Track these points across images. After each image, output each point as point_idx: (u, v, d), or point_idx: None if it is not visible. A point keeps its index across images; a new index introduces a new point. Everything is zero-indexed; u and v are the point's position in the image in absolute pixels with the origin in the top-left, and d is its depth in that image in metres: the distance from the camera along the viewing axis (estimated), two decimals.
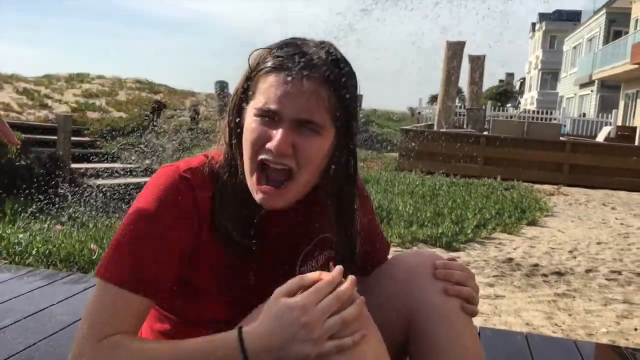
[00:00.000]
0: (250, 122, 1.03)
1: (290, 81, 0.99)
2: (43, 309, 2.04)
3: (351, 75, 1.06)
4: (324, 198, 1.13)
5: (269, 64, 1.02)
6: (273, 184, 1.02)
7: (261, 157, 1.02)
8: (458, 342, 1.08)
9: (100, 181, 7.44)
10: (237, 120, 1.07)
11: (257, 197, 1.04)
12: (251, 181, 1.04)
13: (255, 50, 1.06)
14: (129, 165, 8.93)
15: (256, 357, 0.92)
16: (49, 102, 14.13)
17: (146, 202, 1.02)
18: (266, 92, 1.01)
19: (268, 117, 1.01)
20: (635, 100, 22.63)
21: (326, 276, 0.94)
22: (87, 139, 10.08)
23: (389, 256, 1.31)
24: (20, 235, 4.52)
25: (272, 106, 1.00)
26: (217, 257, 1.07)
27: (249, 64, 1.05)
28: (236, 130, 1.07)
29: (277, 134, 0.99)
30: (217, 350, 0.93)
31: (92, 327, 0.96)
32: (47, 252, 4.21)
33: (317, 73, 1.00)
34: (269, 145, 1.00)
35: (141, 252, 0.99)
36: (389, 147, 17.40)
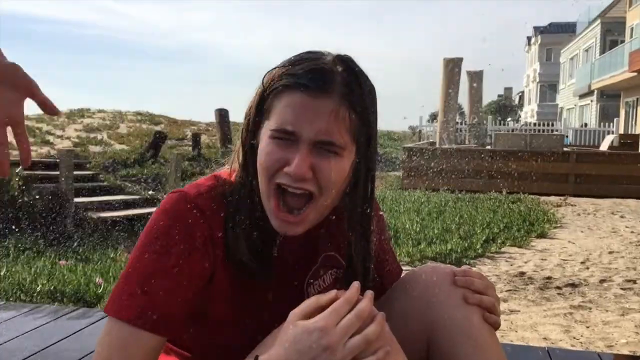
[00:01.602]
0: (266, 144, 0.96)
1: (307, 100, 0.93)
2: (49, 346, 1.98)
3: (371, 90, 1.00)
4: (330, 215, 1.09)
5: (283, 81, 0.95)
6: (292, 210, 0.97)
7: (278, 181, 0.96)
8: None
9: (103, 214, 7.40)
10: (251, 141, 1.01)
11: (275, 223, 0.99)
12: (268, 206, 0.99)
13: (270, 70, 1.00)
14: (131, 197, 8.90)
15: None
16: (51, 138, 14.19)
17: (155, 233, 0.96)
18: (282, 112, 0.95)
19: (285, 139, 0.95)
20: (636, 108, 22.63)
21: (341, 294, 0.89)
22: (89, 172, 10.08)
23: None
24: (25, 273, 4.47)
25: (289, 127, 0.94)
26: (229, 283, 1.02)
27: (262, 83, 1.00)
28: (251, 152, 1.01)
29: (295, 158, 0.93)
30: None
31: None
32: (52, 288, 4.16)
33: (336, 90, 0.94)
34: (287, 169, 0.94)
35: (153, 287, 0.93)
36: (391, 167, 17.36)
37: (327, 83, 0.94)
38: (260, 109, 0.99)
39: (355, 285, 0.89)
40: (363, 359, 0.85)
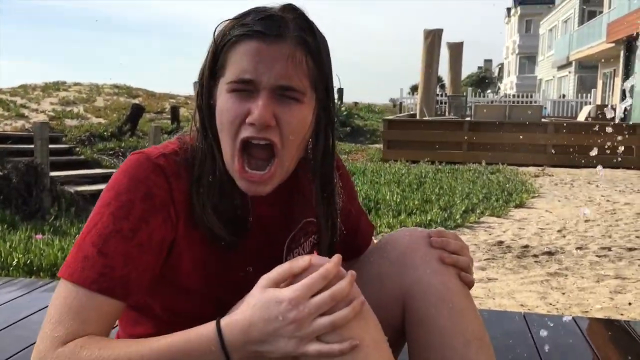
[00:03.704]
0: (225, 100, 0.93)
1: (263, 47, 0.91)
2: (22, 319, 1.95)
3: (323, 37, 0.99)
4: (304, 180, 1.06)
5: (236, 32, 0.93)
6: (257, 166, 0.95)
7: (243, 135, 0.93)
8: (461, 324, 1.02)
9: (80, 188, 7.30)
10: (208, 102, 0.98)
11: (241, 184, 0.96)
12: (233, 167, 0.95)
13: (219, 24, 0.97)
14: (109, 170, 8.78)
15: (236, 350, 0.84)
16: (26, 111, 13.90)
17: (114, 194, 0.92)
18: (238, 62, 0.92)
19: (244, 90, 0.92)
20: (613, 79, 22.79)
21: (317, 260, 0.86)
22: (65, 146, 9.91)
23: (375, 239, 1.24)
24: None
25: (247, 76, 0.91)
26: (197, 251, 0.98)
27: (214, 39, 0.96)
28: (208, 113, 0.98)
29: (258, 105, 0.91)
30: (194, 345, 0.85)
31: (54, 331, 0.87)
32: (28, 262, 4.10)
33: (290, 35, 0.92)
34: (250, 118, 0.91)
35: (110, 250, 0.89)
36: (372, 139, 17.35)
37: (281, 28, 0.92)
38: (213, 66, 0.96)
39: (336, 258, 0.86)
40: (328, 342, 0.83)
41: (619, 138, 12.51)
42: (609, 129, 12.93)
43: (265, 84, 0.91)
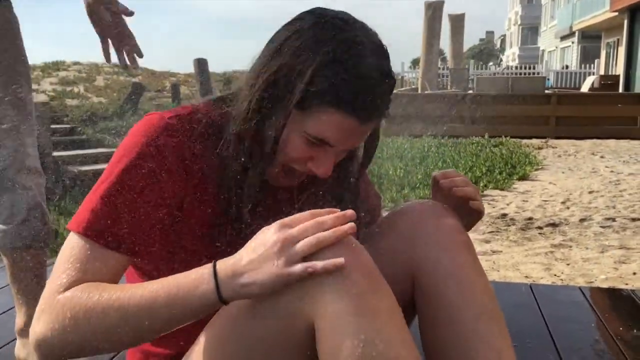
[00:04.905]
0: (297, 140, 0.95)
1: (355, 125, 0.93)
2: None
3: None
4: None
5: (333, 94, 0.90)
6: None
7: (295, 167, 0.99)
8: (470, 297, 1.02)
9: (84, 167, 7.31)
10: (284, 103, 0.92)
11: (271, 179, 1.01)
12: (271, 168, 0.99)
13: (312, 49, 0.90)
14: (112, 149, 8.78)
15: (227, 284, 0.83)
16: None
17: (126, 150, 0.94)
18: (325, 126, 0.93)
19: (317, 144, 0.96)
20: (617, 49, 22.57)
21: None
22: (67, 126, 9.90)
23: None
24: None
25: (330, 142, 0.95)
26: (206, 213, 0.99)
27: (304, 69, 0.90)
28: (267, 111, 0.93)
29: (325, 162, 0.97)
30: (189, 279, 0.85)
31: (58, 279, 0.88)
32: None
33: (380, 114, 0.98)
34: (311, 166, 0.98)
35: (119, 204, 0.90)
36: None
37: (378, 109, 0.96)
38: (300, 95, 0.90)
39: (347, 212, 0.85)
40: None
41: (623, 108, 12.44)
42: (612, 100, 12.86)
43: (340, 148, 0.97)
